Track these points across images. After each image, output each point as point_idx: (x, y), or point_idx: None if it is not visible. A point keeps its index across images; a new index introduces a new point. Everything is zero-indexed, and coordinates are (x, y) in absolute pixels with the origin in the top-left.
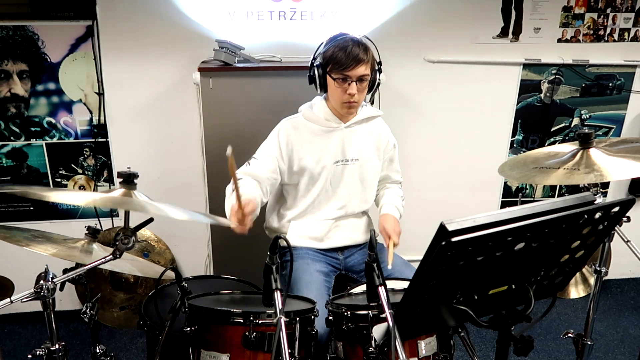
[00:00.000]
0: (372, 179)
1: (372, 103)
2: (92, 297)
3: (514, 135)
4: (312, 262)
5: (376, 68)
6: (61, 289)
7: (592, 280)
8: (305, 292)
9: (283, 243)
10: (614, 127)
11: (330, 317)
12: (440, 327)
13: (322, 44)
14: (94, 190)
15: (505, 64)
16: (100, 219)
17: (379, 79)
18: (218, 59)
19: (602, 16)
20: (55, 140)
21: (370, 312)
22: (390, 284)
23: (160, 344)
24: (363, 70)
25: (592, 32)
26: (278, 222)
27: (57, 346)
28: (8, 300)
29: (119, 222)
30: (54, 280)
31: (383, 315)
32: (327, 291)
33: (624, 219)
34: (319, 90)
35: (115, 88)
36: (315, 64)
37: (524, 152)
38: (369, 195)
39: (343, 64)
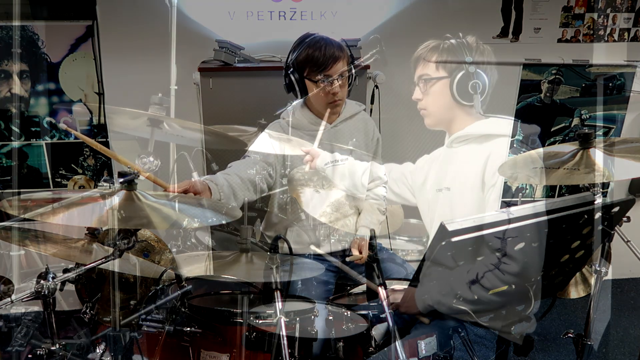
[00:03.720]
0: (363, 173)
1: (372, 102)
2: (92, 297)
3: (513, 135)
4: (311, 273)
5: (351, 62)
6: (61, 289)
7: (592, 280)
8: None
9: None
10: (614, 127)
11: (330, 317)
12: (440, 327)
13: (291, 50)
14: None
15: (505, 64)
16: None
17: (355, 73)
18: (218, 59)
19: (602, 16)
20: (55, 140)
21: (370, 312)
22: (391, 284)
23: (160, 344)
24: (341, 66)
25: (592, 32)
26: (274, 230)
27: (57, 346)
28: (8, 300)
29: None
30: (54, 280)
31: (383, 315)
32: None
33: (624, 219)
34: (299, 95)
35: (115, 88)
36: (290, 71)
37: (524, 152)
38: (360, 191)
39: (321, 64)
